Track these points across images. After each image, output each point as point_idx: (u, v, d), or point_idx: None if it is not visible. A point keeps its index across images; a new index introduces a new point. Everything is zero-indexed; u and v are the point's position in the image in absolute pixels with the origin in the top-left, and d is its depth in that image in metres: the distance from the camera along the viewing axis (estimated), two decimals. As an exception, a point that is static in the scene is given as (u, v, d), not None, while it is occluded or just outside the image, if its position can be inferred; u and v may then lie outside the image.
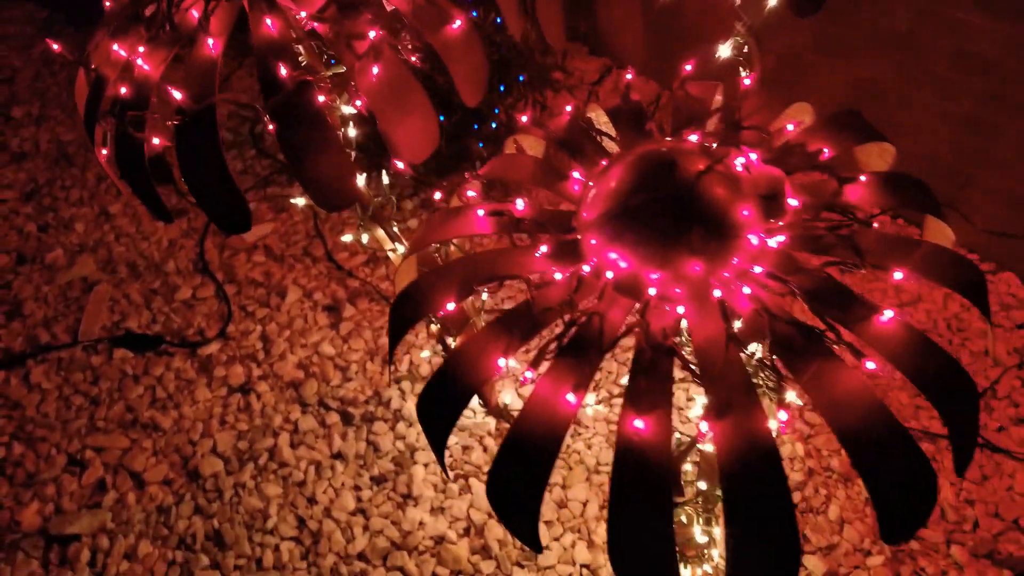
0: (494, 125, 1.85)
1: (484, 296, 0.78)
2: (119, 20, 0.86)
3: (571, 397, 0.66)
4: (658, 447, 0.64)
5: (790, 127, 0.80)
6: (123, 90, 0.82)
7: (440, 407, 0.70)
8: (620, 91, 0.98)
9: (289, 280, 1.92)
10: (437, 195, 0.90)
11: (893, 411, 0.63)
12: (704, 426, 0.65)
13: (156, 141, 0.82)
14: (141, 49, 0.82)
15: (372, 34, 0.80)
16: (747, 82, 0.85)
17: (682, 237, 0.68)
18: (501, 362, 0.69)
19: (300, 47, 0.87)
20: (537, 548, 0.65)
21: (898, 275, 0.69)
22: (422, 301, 0.74)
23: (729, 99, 0.84)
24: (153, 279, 1.94)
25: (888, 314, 0.67)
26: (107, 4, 0.91)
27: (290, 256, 1.96)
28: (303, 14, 0.82)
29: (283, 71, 0.76)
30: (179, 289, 1.92)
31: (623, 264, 0.69)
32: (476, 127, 1.85)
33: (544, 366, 0.67)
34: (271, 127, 0.78)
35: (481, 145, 1.89)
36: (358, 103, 0.83)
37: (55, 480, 1.56)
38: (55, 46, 0.85)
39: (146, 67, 0.82)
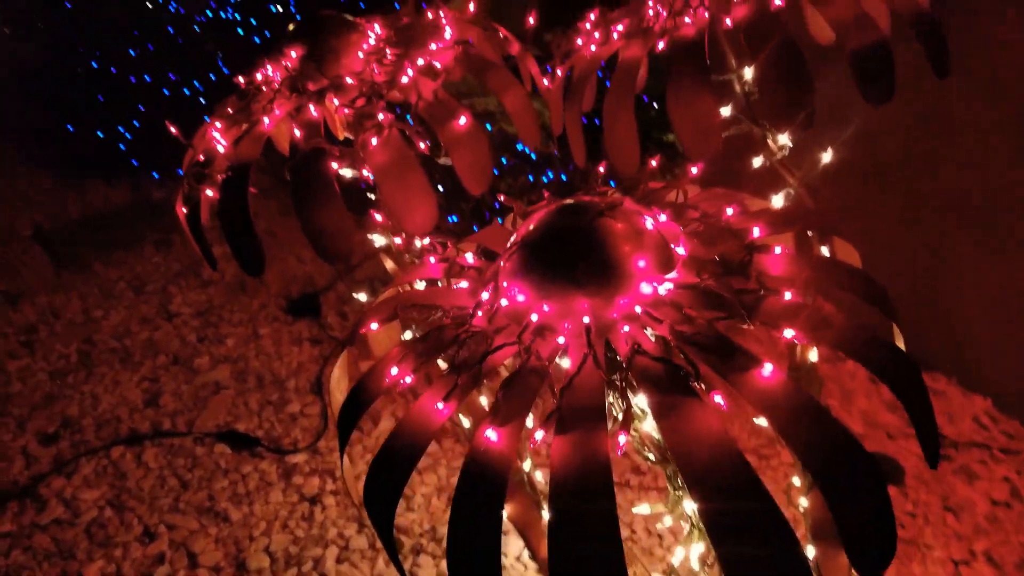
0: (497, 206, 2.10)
1: (407, 335, 0.86)
2: (219, 112, 1.15)
3: (440, 405, 0.71)
4: (503, 456, 0.66)
5: (730, 211, 0.84)
6: (200, 158, 1.07)
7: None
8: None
9: (387, 411, 2.08)
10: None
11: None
12: (539, 435, 0.66)
13: (209, 193, 1.05)
14: (219, 126, 1.08)
15: (381, 116, 0.99)
16: (693, 170, 0.91)
17: (574, 276, 0.74)
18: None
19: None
20: (391, 546, 0.68)
21: (788, 332, 0.69)
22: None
23: (680, 185, 0.91)
24: (272, 392, 2.19)
25: (768, 368, 0.66)
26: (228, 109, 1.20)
27: (396, 392, 2.13)
28: (336, 101, 1.04)
29: (297, 134, 0.96)
30: (291, 403, 2.14)
31: (520, 297, 0.76)
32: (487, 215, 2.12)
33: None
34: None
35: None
36: (366, 173, 1.01)
37: (125, 545, 1.73)
38: (173, 129, 1.14)
39: (224, 141, 1.07)
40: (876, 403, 2.18)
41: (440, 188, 2.37)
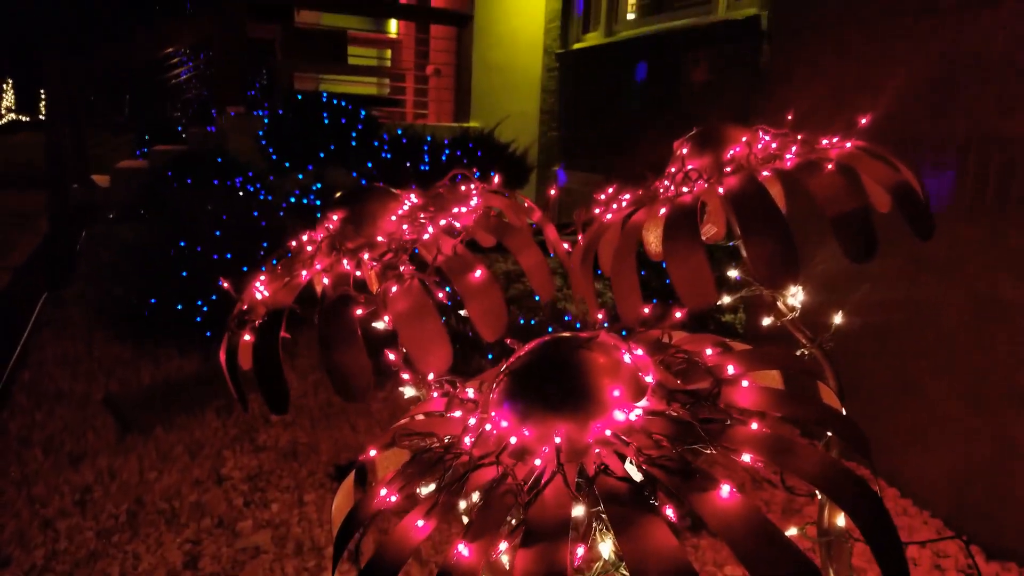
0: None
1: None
2: (268, 269, 1.31)
3: (420, 523, 0.77)
4: (471, 569, 0.71)
5: (708, 351, 0.91)
6: (244, 307, 1.23)
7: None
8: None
9: (420, 582, 2.07)
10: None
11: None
12: (503, 546, 0.71)
13: (247, 337, 1.18)
14: (263, 279, 1.24)
15: (403, 268, 1.12)
16: (678, 315, 0.99)
17: (553, 402, 0.82)
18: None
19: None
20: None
21: (746, 456, 0.73)
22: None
23: (664, 328, 0.98)
24: (310, 559, 2.22)
25: (726, 489, 0.70)
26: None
27: (433, 562, 2.13)
28: (366, 256, 1.19)
29: (326, 282, 1.10)
30: (327, 571, 2.16)
31: (504, 423, 0.83)
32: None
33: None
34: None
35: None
36: (386, 319, 1.12)
37: None
38: (225, 284, 1.31)
39: (265, 292, 1.23)
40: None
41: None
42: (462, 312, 1.23)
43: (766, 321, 1.39)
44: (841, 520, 1.42)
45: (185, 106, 8.11)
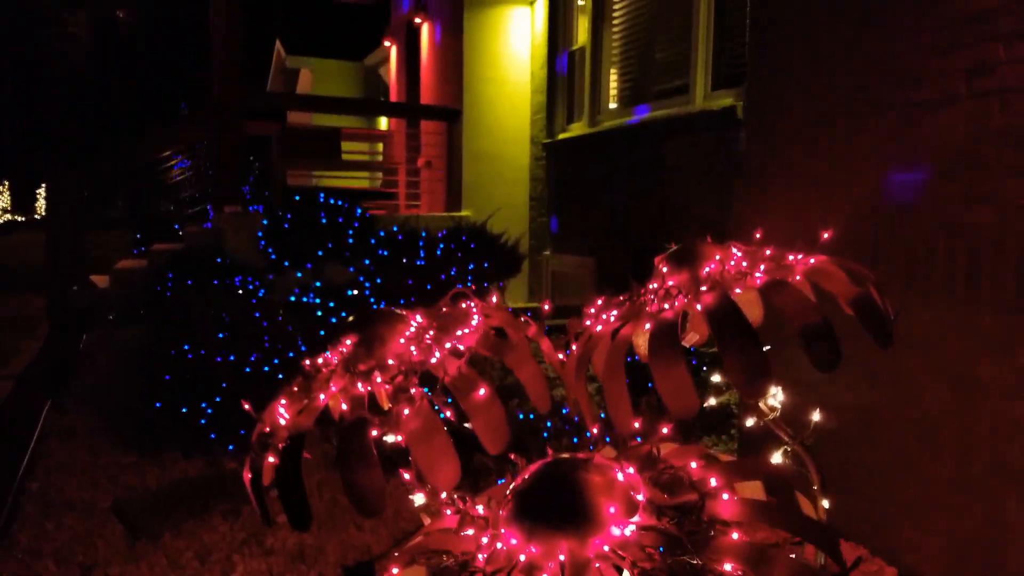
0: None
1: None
2: (286, 391, 1.43)
3: (443, 636, 0.87)
4: None
5: (693, 464, 1.03)
6: (266, 429, 1.34)
7: None
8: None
9: None
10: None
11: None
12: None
13: (271, 459, 1.29)
14: (284, 402, 1.36)
15: (413, 390, 1.24)
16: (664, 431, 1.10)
17: (555, 521, 0.92)
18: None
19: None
20: None
21: (728, 566, 0.84)
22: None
23: (652, 442, 1.10)
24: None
25: None
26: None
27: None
28: (379, 379, 1.31)
29: (344, 407, 1.22)
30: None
31: (513, 540, 0.94)
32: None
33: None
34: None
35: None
36: (399, 438, 1.23)
37: None
38: (247, 406, 1.42)
39: (286, 415, 1.34)
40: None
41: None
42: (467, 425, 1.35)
43: (749, 422, 1.51)
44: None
45: (180, 203, 8.33)
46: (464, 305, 1.54)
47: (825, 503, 1.52)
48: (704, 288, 1.36)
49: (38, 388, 4.64)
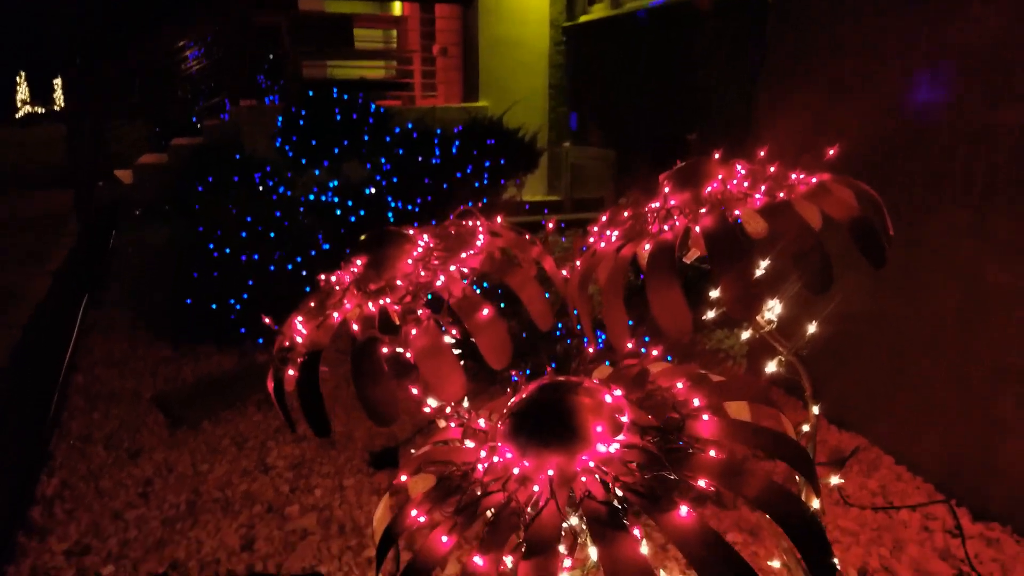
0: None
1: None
2: (303, 307, 1.51)
3: (444, 539, 0.98)
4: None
5: (680, 384, 1.10)
6: (286, 343, 1.43)
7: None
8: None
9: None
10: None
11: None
12: (508, 560, 0.91)
13: (291, 372, 1.38)
14: (301, 319, 1.44)
15: (420, 311, 1.32)
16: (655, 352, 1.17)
17: (547, 439, 1.01)
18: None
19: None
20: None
21: (702, 482, 0.92)
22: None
23: (644, 363, 1.17)
24: (352, 538, 2.46)
25: (684, 510, 0.90)
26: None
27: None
28: (388, 300, 1.39)
29: (355, 328, 1.30)
30: (368, 548, 2.39)
31: (508, 455, 1.03)
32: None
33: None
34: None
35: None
36: (408, 355, 1.32)
37: None
38: (267, 319, 1.51)
39: (304, 331, 1.43)
40: (928, 551, 2.23)
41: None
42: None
43: (746, 335, 1.57)
44: (816, 503, 1.61)
45: (197, 95, 8.26)
46: (470, 224, 1.59)
47: (815, 409, 1.60)
48: (703, 210, 1.39)
49: (75, 284, 4.81)
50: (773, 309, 1.59)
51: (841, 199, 1.34)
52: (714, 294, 1.55)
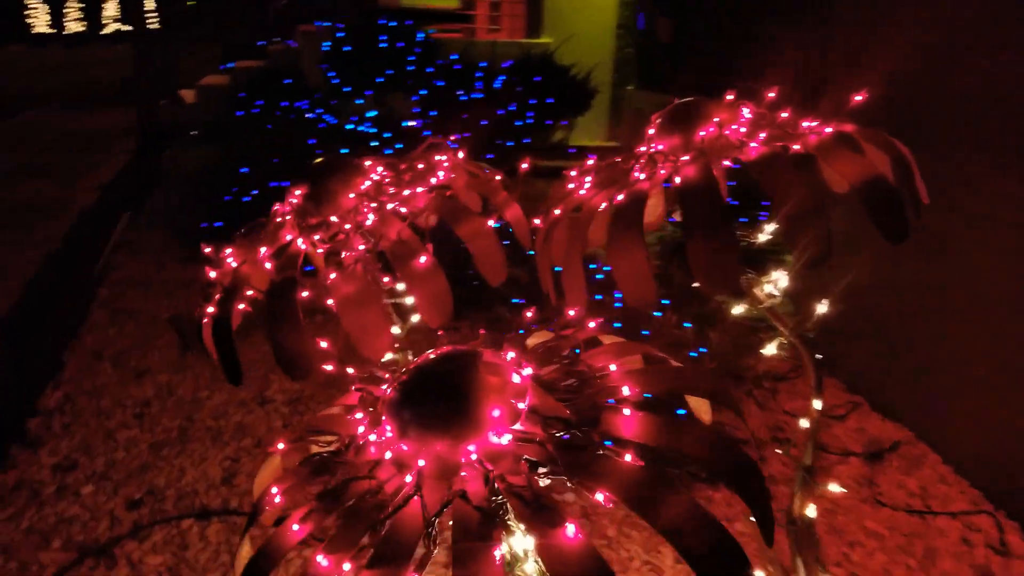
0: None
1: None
2: (238, 241, 1.35)
3: (296, 527, 0.81)
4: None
5: (613, 367, 0.89)
6: (223, 280, 1.27)
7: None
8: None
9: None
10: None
11: None
12: (347, 567, 0.74)
13: (241, 306, 1.23)
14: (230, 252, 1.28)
15: (345, 254, 1.14)
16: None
17: (431, 420, 0.83)
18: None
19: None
20: None
21: (599, 496, 0.73)
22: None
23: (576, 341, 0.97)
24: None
25: (571, 529, 0.71)
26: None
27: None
28: (317, 237, 1.21)
29: (268, 267, 1.13)
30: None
31: (388, 433, 0.85)
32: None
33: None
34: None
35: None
36: (330, 302, 1.15)
37: None
38: (208, 250, 1.36)
39: (233, 264, 1.27)
40: (963, 567, 1.98)
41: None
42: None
43: (738, 310, 1.34)
44: (811, 511, 1.39)
45: (265, 17, 8.13)
46: (434, 159, 1.39)
47: (818, 404, 1.36)
48: (687, 157, 1.15)
49: (118, 201, 4.82)
50: (777, 282, 1.35)
51: (855, 157, 1.08)
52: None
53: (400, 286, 1.18)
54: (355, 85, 4.36)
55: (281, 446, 0.95)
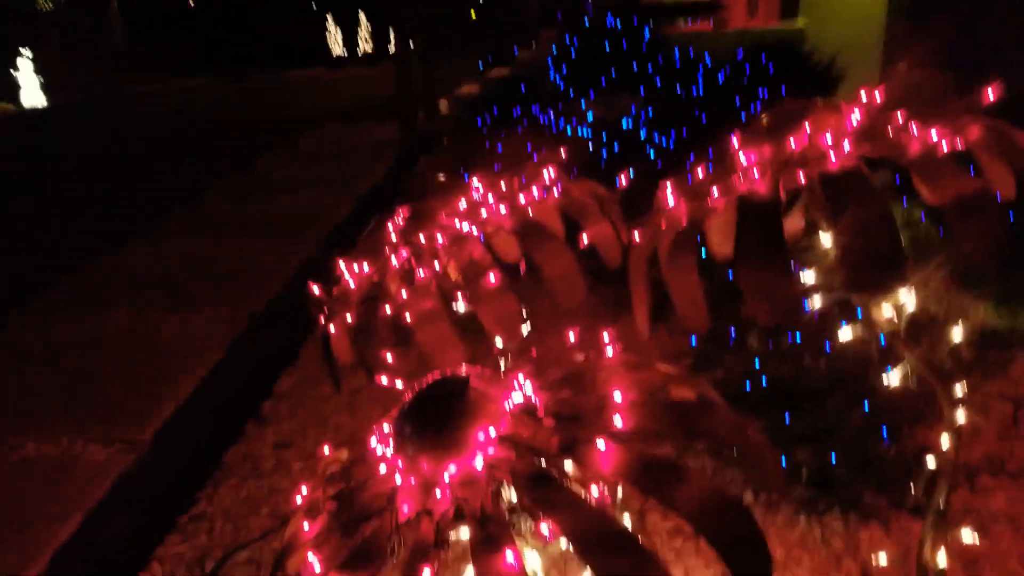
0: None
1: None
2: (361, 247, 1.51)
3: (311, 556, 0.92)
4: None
5: (617, 395, 0.88)
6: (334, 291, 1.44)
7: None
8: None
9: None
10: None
11: None
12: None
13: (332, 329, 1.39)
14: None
15: (422, 272, 1.23)
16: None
17: (420, 441, 0.89)
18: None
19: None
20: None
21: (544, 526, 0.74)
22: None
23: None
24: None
25: (510, 555, 0.73)
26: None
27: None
28: (405, 254, 1.32)
29: (352, 286, 1.26)
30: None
31: (389, 453, 0.93)
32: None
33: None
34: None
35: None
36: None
37: None
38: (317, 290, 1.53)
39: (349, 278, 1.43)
40: None
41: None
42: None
43: (846, 335, 1.21)
44: (942, 559, 1.23)
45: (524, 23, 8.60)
46: (537, 174, 1.43)
47: (946, 442, 1.19)
48: (757, 174, 1.07)
49: (374, 207, 5.42)
50: (909, 300, 1.20)
51: (957, 172, 0.94)
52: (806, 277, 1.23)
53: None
54: (579, 88, 4.47)
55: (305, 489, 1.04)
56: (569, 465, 0.83)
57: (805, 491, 2.07)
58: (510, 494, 0.84)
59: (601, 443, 0.81)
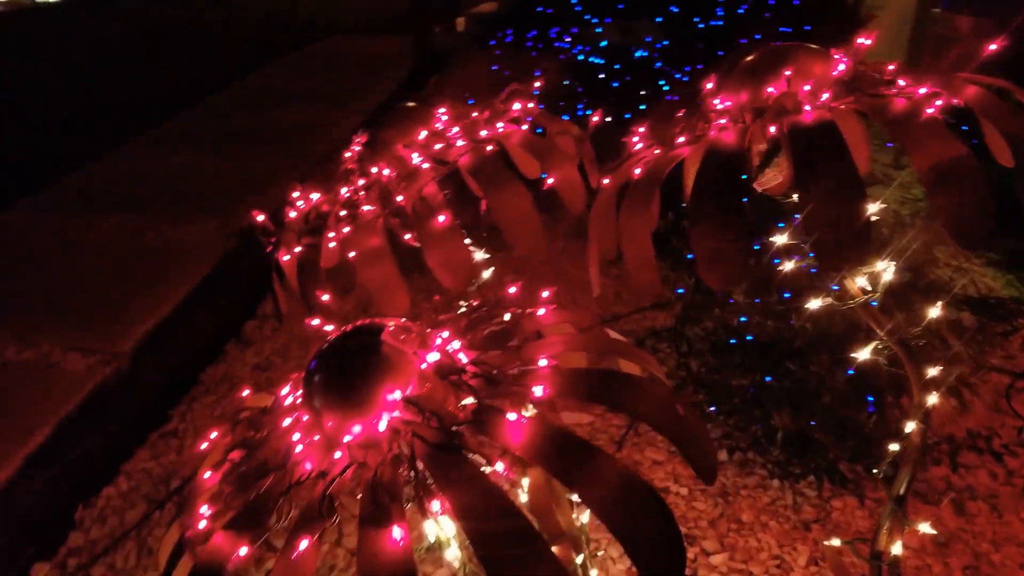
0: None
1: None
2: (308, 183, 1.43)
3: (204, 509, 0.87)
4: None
5: (543, 360, 0.82)
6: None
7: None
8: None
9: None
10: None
11: None
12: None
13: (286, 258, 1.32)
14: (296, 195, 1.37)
15: (366, 208, 1.15)
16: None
17: (332, 396, 0.83)
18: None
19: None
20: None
21: (435, 505, 0.69)
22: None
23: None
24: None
25: (398, 532, 0.68)
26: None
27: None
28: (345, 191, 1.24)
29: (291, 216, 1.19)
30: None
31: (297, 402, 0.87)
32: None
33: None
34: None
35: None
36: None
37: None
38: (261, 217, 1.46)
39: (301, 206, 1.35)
40: None
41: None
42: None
43: (814, 304, 1.13)
44: (898, 548, 1.18)
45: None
46: (518, 107, 1.32)
47: (911, 426, 1.12)
48: (723, 121, 0.98)
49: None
50: (886, 271, 1.12)
51: (937, 135, 0.84)
52: (780, 239, 1.15)
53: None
54: (594, 12, 4.27)
55: (206, 443, 0.99)
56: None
57: (781, 453, 2.02)
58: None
59: (512, 415, 0.76)
